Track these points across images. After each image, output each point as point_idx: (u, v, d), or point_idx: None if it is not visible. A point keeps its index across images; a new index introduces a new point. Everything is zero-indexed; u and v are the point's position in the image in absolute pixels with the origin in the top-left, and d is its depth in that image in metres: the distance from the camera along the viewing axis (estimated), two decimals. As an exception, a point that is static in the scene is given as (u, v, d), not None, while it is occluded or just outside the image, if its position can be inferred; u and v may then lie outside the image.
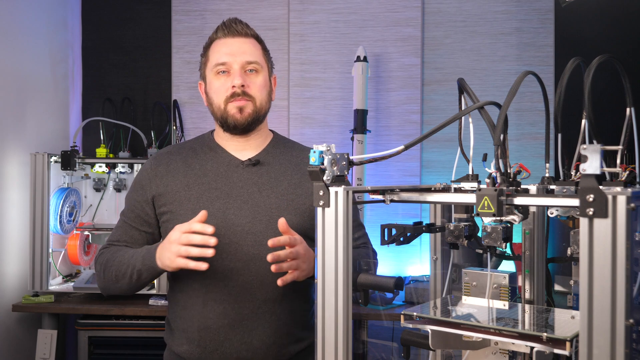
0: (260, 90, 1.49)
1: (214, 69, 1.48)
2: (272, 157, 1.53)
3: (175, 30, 3.19)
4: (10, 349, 2.59)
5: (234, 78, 1.45)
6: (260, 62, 1.50)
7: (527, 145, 2.98)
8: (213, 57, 1.49)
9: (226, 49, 1.48)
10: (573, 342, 0.82)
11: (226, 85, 1.47)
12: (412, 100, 3.05)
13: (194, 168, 1.51)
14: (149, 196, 1.50)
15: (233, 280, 1.43)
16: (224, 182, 1.48)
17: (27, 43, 2.75)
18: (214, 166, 1.51)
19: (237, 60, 1.46)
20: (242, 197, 1.46)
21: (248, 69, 1.48)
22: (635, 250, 0.79)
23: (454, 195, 0.92)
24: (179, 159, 1.53)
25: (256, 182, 1.48)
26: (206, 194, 1.46)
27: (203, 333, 1.43)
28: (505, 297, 1.04)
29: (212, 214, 1.43)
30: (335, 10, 3.10)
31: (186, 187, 1.48)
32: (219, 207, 1.45)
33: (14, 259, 2.64)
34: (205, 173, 1.50)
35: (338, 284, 0.87)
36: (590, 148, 0.74)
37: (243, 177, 1.49)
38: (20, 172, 2.66)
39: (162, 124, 3.16)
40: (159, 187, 1.50)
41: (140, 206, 1.51)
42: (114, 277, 1.44)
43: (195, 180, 1.49)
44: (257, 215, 1.45)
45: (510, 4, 3.02)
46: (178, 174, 1.50)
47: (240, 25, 1.50)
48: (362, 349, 2.65)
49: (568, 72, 0.96)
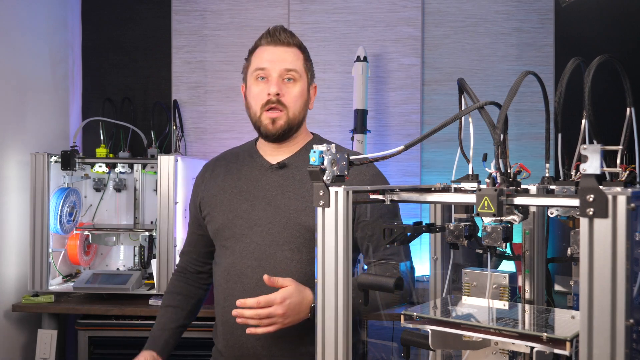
0: (296, 100, 1.52)
1: (254, 74, 1.53)
2: (302, 160, 1.56)
3: (175, 30, 3.19)
4: (10, 349, 2.59)
5: (271, 85, 1.49)
6: (299, 71, 1.53)
7: (527, 145, 2.98)
8: (254, 62, 1.54)
9: (267, 55, 1.52)
10: (573, 342, 0.82)
11: (263, 92, 1.51)
12: (412, 100, 3.05)
13: (232, 172, 1.60)
14: (197, 201, 1.63)
15: (249, 277, 1.48)
16: (253, 185, 1.55)
17: (27, 43, 2.75)
18: (248, 170, 1.58)
19: (275, 67, 1.50)
20: (266, 199, 1.52)
21: (286, 77, 1.51)
22: (635, 250, 0.79)
23: (454, 195, 0.92)
24: (222, 164, 1.64)
25: (281, 184, 1.53)
26: (237, 197, 1.55)
27: (225, 327, 1.51)
28: (505, 297, 1.04)
29: (239, 215, 1.52)
30: (335, 10, 3.10)
31: (222, 191, 1.57)
32: (245, 208, 1.52)
33: (14, 259, 2.64)
34: (240, 177, 1.58)
35: (338, 284, 0.87)
36: (590, 148, 0.74)
37: (270, 179, 1.54)
38: (20, 172, 2.66)
39: (162, 124, 3.16)
40: (203, 191, 1.62)
41: (195, 212, 1.65)
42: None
43: (230, 184, 1.57)
44: (277, 217, 1.49)
45: (510, 4, 3.02)
46: (218, 179, 1.61)
47: (284, 34, 1.54)
48: (362, 349, 2.65)
49: (568, 72, 0.96)
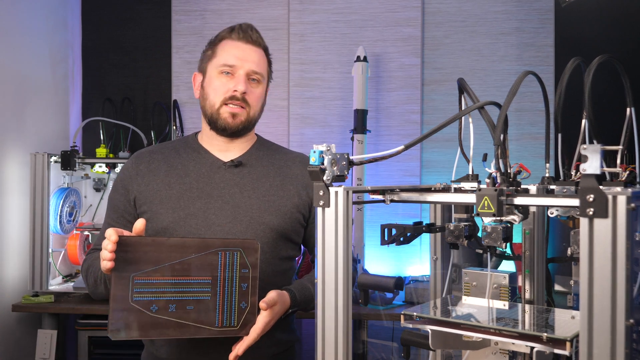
0: (257, 100, 1.51)
1: (220, 68, 1.48)
2: (255, 159, 1.54)
3: (175, 30, 3.19)
4: (10, 349, 2.59)
5: (238, 83, 1.46)
6: (263, 75, 1.52)
7: (527, 145, 2.98)
8: (221, 56, 1.49)
9: (237, 52, 1.49)
10: (573, 342, 0.82)
11: (227, 87, 1.47)
12: (412, 100, 3.05)
13: (175, 168, 1.51)
14: (131, 195, 1.49)
15: None
16: (205, 182, 1.48)
17: (27, 43, 2.75)
18: (196, 167, 1.51)
19: (244, 66, 1.48)
20: (223, 198, 1.47)
21: (252, 77, 1.49)
22: (635, 250, 0.79)
23: (454, 195, 0.92)
24: (160, 157, 1.53)
25: (238, 183, 1.49)
26: (187, 194, 1.46)
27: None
28: (505, 297, 1.04)
29: (193, 213, 1.44)
30: (335, 10, 3.10)
31: (167, 186, 1.48)
32: (199, 206, 1.45)
33: (14, 259, 2.64)
34: (187, 173, 1.50)
35: (338, 284, 0.87)
36: (590, 148, 0.74)
37: (225, 177, 1.49)
38: (20, 172, 2.66)
39: (162, 124, 3.16)
40: (140, 185, 1.49)
41: (123, 206, 1.50)
42: (93, 282, 1.43)
43: (177, 180, 1.48)
44: (238, 216, 1.45)
45: (510, 4, 3.02)
46: (159, 173, 1.50)
47: (256, 34, 1.52)
48: (362, 349, 2.65)
49: (568, 72, 0.96)
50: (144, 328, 1.24)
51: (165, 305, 1.25)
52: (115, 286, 1.22)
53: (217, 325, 1.29)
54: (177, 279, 1.27)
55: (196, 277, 1.28)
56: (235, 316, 1.30)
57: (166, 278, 1.26)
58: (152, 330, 1.24)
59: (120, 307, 1.22)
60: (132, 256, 1.24)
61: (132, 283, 1.23)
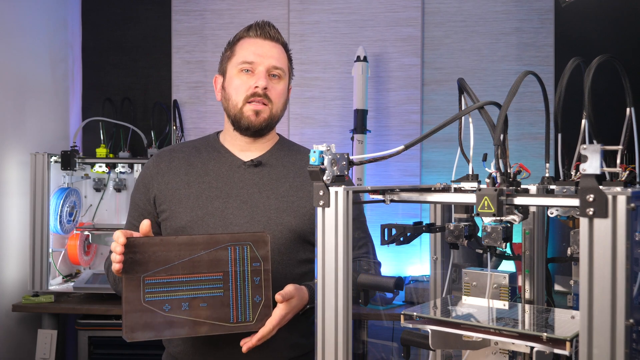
0: (280, 97, 1.49)
1: (239, 66, 1.47)
2: (275, 159, 1.52)
3: (175, 30, 3.19)
4: (10, 349, 2.59)
5: (259, 79, 1.44)
6: (284, 70, 1.50)
7: (527, 145, 2.98)
8: (240, 54, 1.48)
9: (255, 49, 1.47)
10: (573, 342, 0.82)
11: (248, 84, 1.45)
12: (412, 100, 3.05)
13: (195, 167, 1.50)
14: (151, 194, 1.49)
15: None
16: (224, 182, 1.47)
17: (27, 43, 2.75)
18: (216, 166, 1.50)
19: (264, 62, 1.46)
20: (241, 197, 1.45)
21: (272, 73, 1.47)
22: (635, 250, 0.79)
23: (454, 195, 0.92)
24: (181, 156, 1.52)
25: (257, 183, 1.47)
26: (206, 193, 1.45)
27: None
28: (505, 297, 1.04)
29: (211, 212, 1.43)
30: (335, 10, 3.10)
31: (186, 185, 1.47)
32: (217, 206, 1.44)
33: (14, 259, 2.64)
34: (207, 172, 1.49)
35: (338, 284, 0.87)
36: (590, 148, 0.74)
37: (244, 177, 1.48)
38: (20, 172, 2.66)
39: (162, 124, 3.16)
40: (160, 184, 1.48)
41: (144, 205, 1.50)
42: (113, 281, 1.45)
43: (196, 179, 1.47)
44: (256, 216, 1.43)
45: (510, 4, 3.02)
46: (179, 172, 1.49)
47: (273, 30, 1.51)
48: (362, 349, 2.65)
49: (568, 72, 0.96)
50: (159, 328, 1.24)
51: (178, 304, 1.25)
52: (127, 288, 1.22)
53: (232, 321, 1.28)
54: (188, 277, 1.26)
55: (207, 273, 1.28)
56: (250, 311, 1.29)
57: (177, 276, 1.25)
58: (167, 330, 1.24)
59: (133, 308, 1.22)
60: (142, 257, 1.23)
61: (144, 284, 1.23)
